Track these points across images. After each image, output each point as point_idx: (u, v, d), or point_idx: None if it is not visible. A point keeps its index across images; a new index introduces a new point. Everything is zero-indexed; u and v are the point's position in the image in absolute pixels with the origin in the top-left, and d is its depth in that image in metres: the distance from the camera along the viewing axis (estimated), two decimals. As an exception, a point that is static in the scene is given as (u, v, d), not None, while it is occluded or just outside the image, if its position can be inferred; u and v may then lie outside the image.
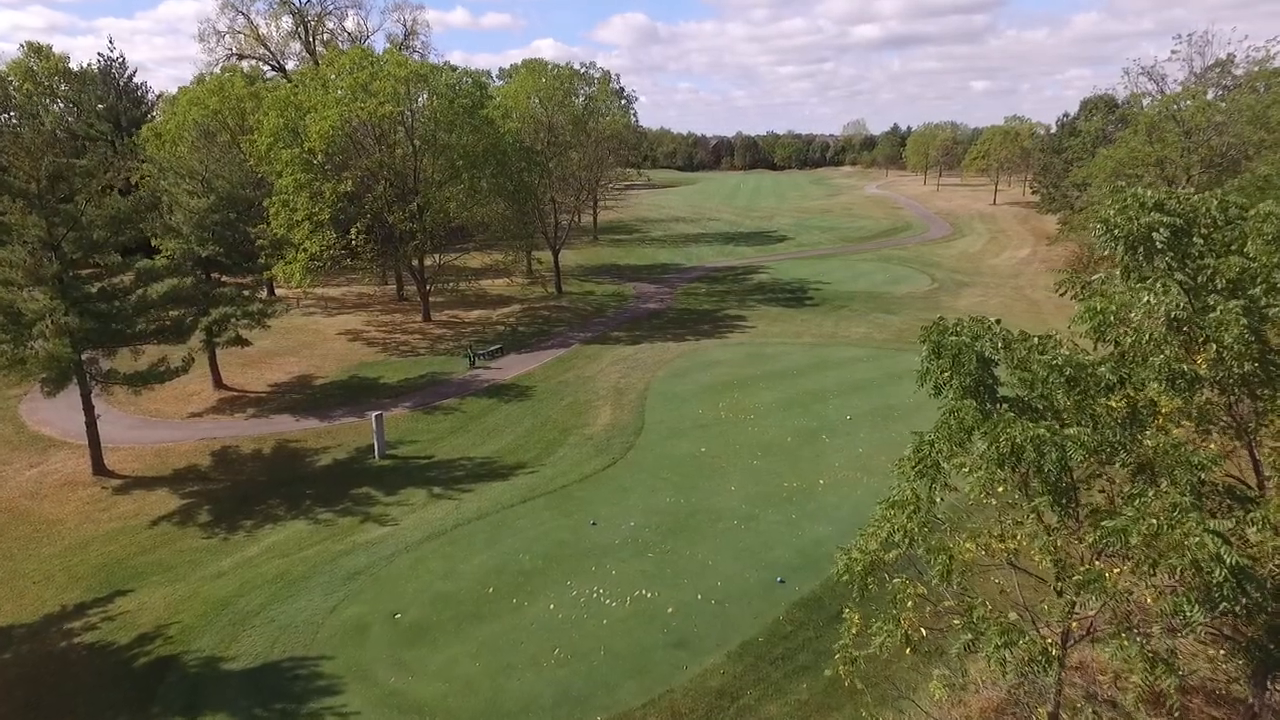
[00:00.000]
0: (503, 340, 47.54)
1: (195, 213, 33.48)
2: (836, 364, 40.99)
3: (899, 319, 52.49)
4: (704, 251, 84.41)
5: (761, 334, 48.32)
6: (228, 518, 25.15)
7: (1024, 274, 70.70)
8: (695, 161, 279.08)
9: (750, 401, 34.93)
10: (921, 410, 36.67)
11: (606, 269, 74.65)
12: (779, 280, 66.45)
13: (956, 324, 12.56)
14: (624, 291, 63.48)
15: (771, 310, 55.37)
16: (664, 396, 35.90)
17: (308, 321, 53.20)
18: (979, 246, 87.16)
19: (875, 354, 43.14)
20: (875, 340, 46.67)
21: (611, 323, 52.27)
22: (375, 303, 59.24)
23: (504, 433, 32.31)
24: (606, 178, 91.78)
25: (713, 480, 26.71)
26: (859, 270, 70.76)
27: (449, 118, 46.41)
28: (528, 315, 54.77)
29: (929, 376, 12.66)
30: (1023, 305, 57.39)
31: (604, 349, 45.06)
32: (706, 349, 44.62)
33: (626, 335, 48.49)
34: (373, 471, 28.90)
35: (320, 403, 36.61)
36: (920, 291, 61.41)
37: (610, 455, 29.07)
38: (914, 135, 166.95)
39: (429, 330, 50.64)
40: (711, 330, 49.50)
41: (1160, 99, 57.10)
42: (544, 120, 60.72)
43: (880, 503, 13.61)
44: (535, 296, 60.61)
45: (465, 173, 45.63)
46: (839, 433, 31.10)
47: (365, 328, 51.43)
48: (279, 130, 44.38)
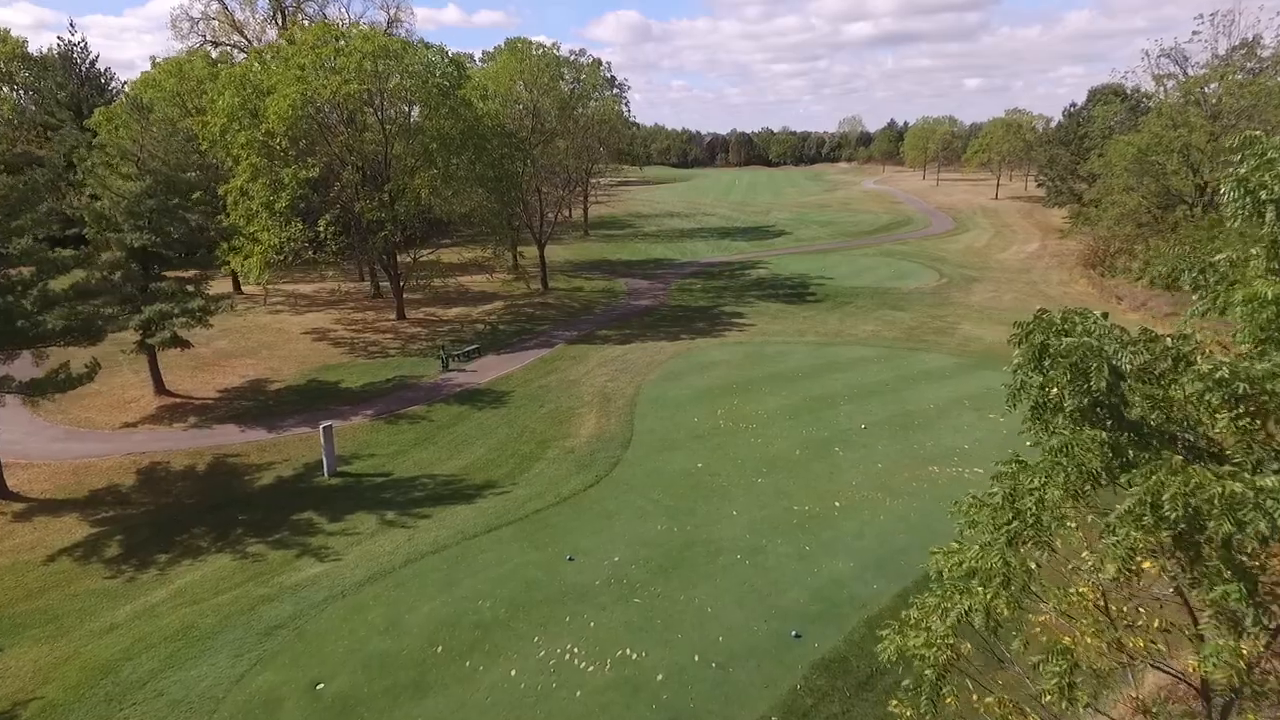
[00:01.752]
0: (481, 340, 43.74)
1: (125, 197, 29.58)
2: (845, 365, 37.34)
3: (908, 316, 48.91)
4: (699, 247, 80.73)
5: (762, 332, 44.65)
6: (140, 551, 21.33)
7: (1035, 268, 67.22)
8: (690, 158, 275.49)
9: (752, 408, 31.24)
10: (945, 417, 32.89)
11: (597, 264, 70.88)
12: (778, 276, 62.78)
13: (1067, 317, 8.87)
14: (615, 287, 59.73)
15: (771, 307, 51.70)
16: (656, 403, 32.18)
17: (272, 320, 49.28)
18: (984, 241, 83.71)
19: (886, 354, 39.51)
20: (885, 339, 43.06)
21: (600, 320, 48.54)
22: (349, 300, 55.33)
23: (474, 445, 28.53)
24: (598, 170, 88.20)
25: (711, 502, 23.01)
26: (862, 265, 67.16)
27: (422, 98, 42.58)
28: (510, 313, 50.97)
29: (1026, 393, 8.94)
30: (1039, 301, 53.77)
31: (591, 349, 41.31)
32: (703, 349, 40.91)
33: (616, 334, 44.74)
34: (319, 492, 25.09)
35: (271, 411, 32.76)
36: (928, 287, 57.84)
37: (593, 472, 25.32)
38: (913, 129, 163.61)
39: (402, 329, 46.79)
40: (708, 328, 45.81)
41: (1184, 81, 53.62)
42: (528, 104, 56.90)
43: (941, 556, 9.86)
44: (519, 293, 56.81)
45: (439, 157, 41.77)
46: (853, 444, 27.42)
47: (334, 326, 47.55)
48: (234, 110, 40.46)
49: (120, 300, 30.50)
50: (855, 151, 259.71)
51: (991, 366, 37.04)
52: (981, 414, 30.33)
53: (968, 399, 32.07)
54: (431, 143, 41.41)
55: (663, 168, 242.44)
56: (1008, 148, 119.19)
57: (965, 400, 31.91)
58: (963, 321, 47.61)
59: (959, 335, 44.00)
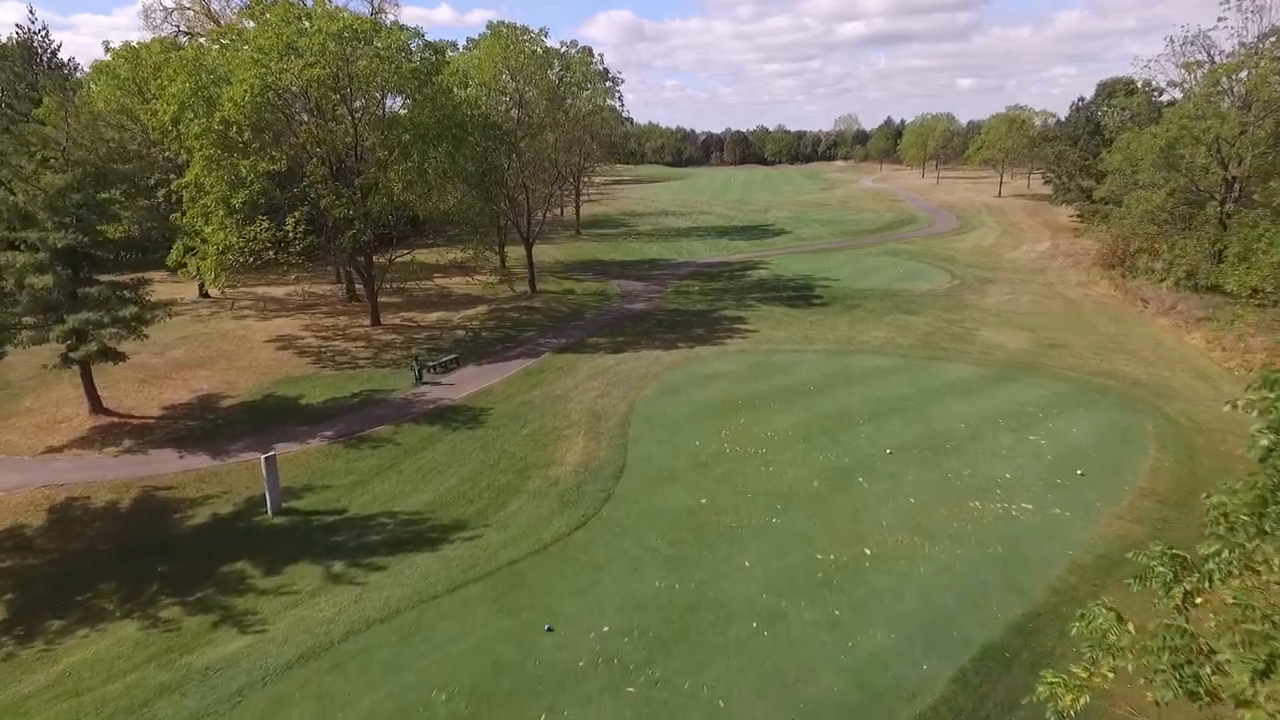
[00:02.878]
0: (461, 348, 40.07)
1: (45, 190, 25.84)
2: (860, 377, 33.85)
3: (922, 320, 45.48)
4: (696, 246, 77.21)
5: (766, 339, 41.13)
6: (29, 616, 17.66)
7: (1049, 269, 63.91)
8: (684, 157, 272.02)
9: (760, 428, 27.70)
10: (979, 439, 27.70)
11: (588, 265, 67.27)
12: (780, 277, 59.29)
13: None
14: (607, 290, 56.15)
15: (775, 311, 48.19)
16: (652, 422, 28.60)
17: (236, 326, 45.50)
18: (992, 240, 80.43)
19: (904, 364, 36.03)
20: (900, 346, 39.59)
21: (591, 327, 44.92)
22: (321, 304, 51.58)
23: (444, 474, 24.90)
24: (590, 167, 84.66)
25: (719, 550, 19.45)
26: (868, 265, 63.73)
27: (394, 84, 38.90)
28: (494, 318, 47.30)
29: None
30: (1059, 304, 50.50)
31: (580, 359, 37.70)
32: (703, 358, 37.35)
33: (608, 342, 41.14)
34: (259, 534, 21.44)
35: (219, 432, 29.04)
36: (941, 289, 54.43)
37: (580, 510, 21.73)
38: (911, 126, 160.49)
39: (375, 337, 43.08)
40: (707, 335, 42.25)
41: (1213, 68, 50.30)
42: (514, 94, 53.22)
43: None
44: (505, 296, 53.16)
45: (414, 149, 38.08)
46: (878, 474, 23.90)
47: (302, 333, 43.81)
48: (187, 98, 36.71)
49: (42, 308, 26.79)
50: (852, 150, 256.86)
51: (1020, 378, 33.63)
52: (1019, 436, 26.87)
53: (1001, 417, 28.60)
54: (404, 133, 37.71)
55: (657, 166, 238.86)
56: (1011, 144, 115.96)
57: (999, 419, 28.43)
58: (981, 327, 44.20)
59: (979, 342, 40.58)
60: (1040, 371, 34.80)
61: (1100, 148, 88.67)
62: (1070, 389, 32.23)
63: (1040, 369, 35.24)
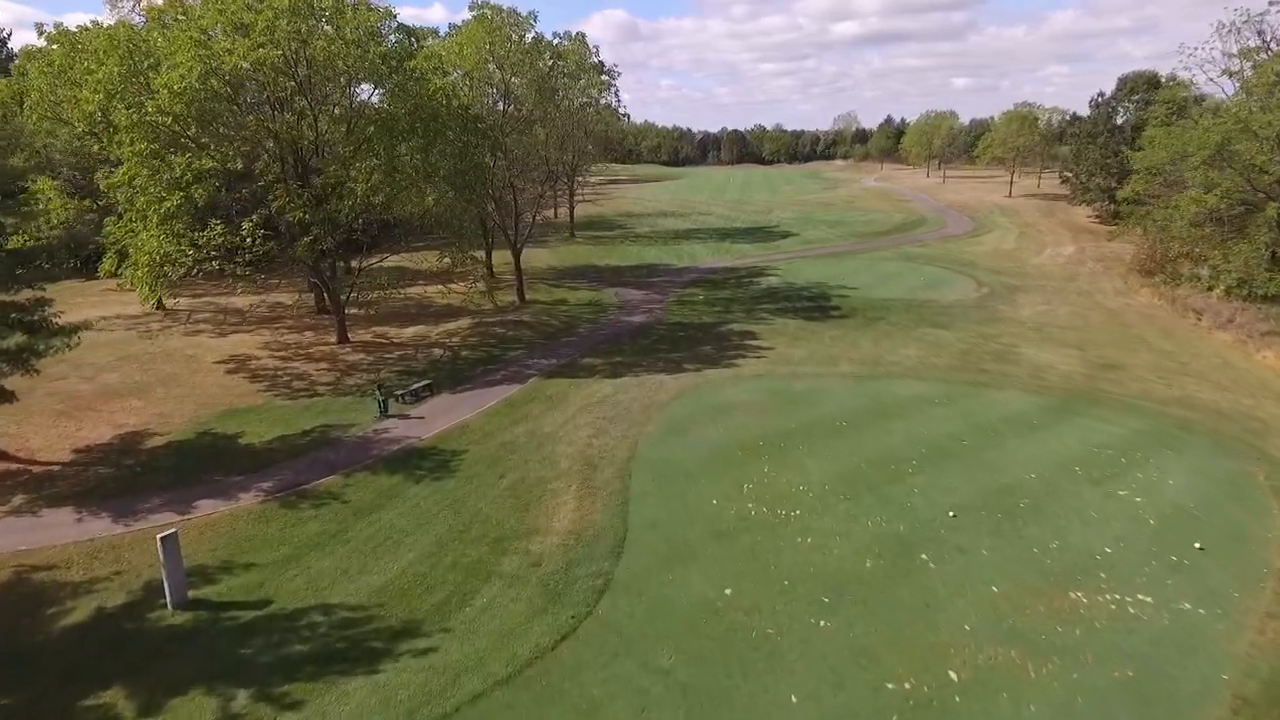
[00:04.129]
0: (436, 371, 35.09)
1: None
2: (898, 409, 28.98)
3: (955, 336, 40.67)
4: (697, 250, 72.32)
5: (783, 359, 36.23)
6: None
7: (1080, 275, 59.20)
8: (681, 156, 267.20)
9: (790, 479, 22.80)
10: (1057, 495, 21.74)
11: (583, 271, 62.32)
12: (792, 285, 54.42)
13: None
14: (603, 299, 51.21)
15: (789, 324, 43.31)
16: (657, 471, 23.66)
17: (186, 344, 40.43)
18: (1011, 243, 75.68)
19: (946, 391, 31.19)
20: (936, 368, 34.77)
21: (585, 344, 39.95)
22: (288, 316, 46.56)
23: (400, 546, 19.93)
24: (584, 166, 79.73)
25: (753, 675, 14.53)
26: (885, 271, 58.88)
27: (360, 69, 33.88)
28: (477, 334, 42.30)
29: None
30: (1101, 316, 45.74)
31: (573, 385, 32.76)
32: (714, 384, 32.43)
33: (604, 363, 36.19)
34: (151, 641, 16.43)
35: (134, 484, 24.00)
36: (970, 299, 49.63)
37: (568, 608, 16.76)
38: (915, 125, 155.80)
39: (341, 357, 38.05)
40: (716, 354, 37.33)
41: (1273, 56, 45.56)
42: (500, 85, 48.22)
43: None
44: (491, 307, 48.18)
45: (380, 143, 33.06)
46: (945, 547, 19.03)
47: (258, 353, 38.77)
48: (116, 83, 31.70)
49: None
50: (851, 149, 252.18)
51: (1085, 410, 28.80)
52: (1105, 490, 22.02)
53: (1077, 464, 23.75)
54: (369, 125, 32.70)
55: (653, 165, 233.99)
56: (1023, 142, 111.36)
57: (1074, 466, 23.58)
58: (1021, 343, 39.40)
59: (1025, 363, 35.77)
60: (1105, 401, 29.96)
61: (1122, 145, 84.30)
62: (1147, 425, 27.40)
63: (1104, 397, 30.41)
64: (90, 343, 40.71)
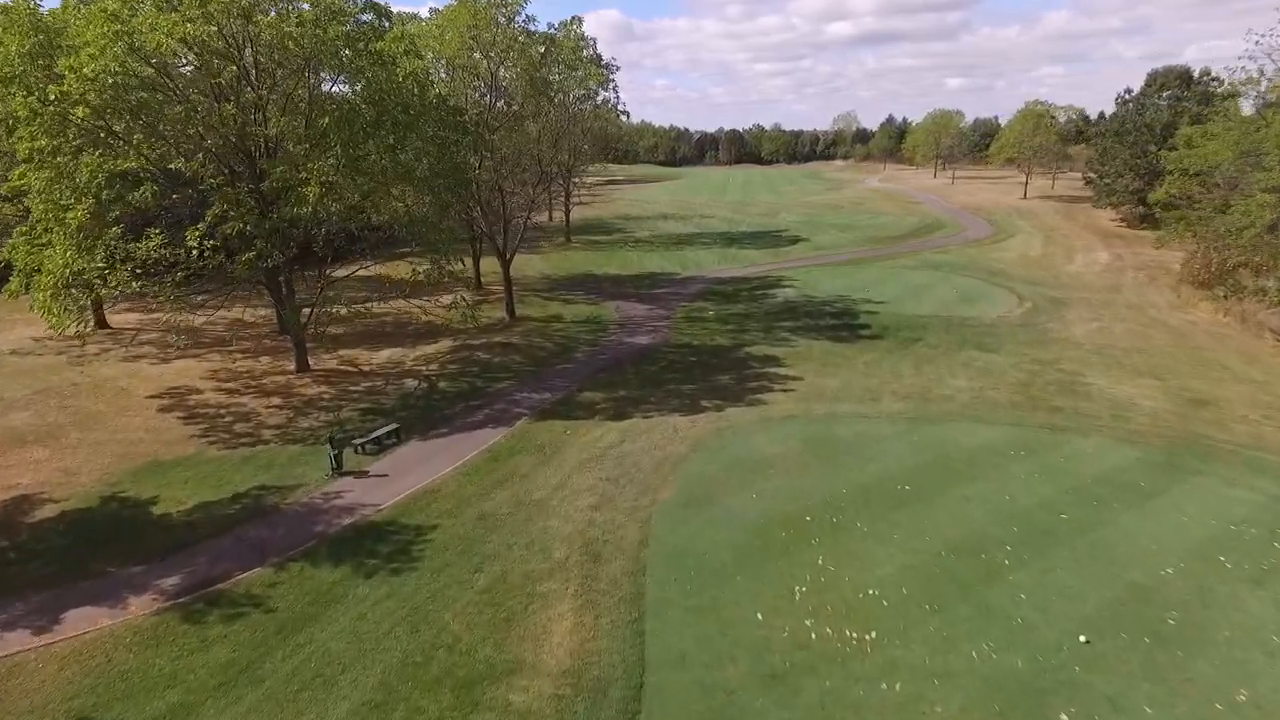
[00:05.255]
0: (406, 410, 29.62)
1: None
2: (967, 464, 23.64)
3: (1007, 361, 35.40)
4: (702, 256, 66.96)
5: (816, 392, 30.88)
6: None
7: (1123, 286, 54.05)
8: (678, 156, 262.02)
9: (853, 577, 17.43)
10: (1212, 602, 14.61)
11: (580, 280, 56.89)
12: (811, 298, 49.06)
13: None
14: (602, 315, 45.80)
15: (815, 346, 37.98)
16: (680, 565, 18.24)
17: (120, 372, 34.89)
18: (1039, 249, 70.51)
19: (1017, 436, 25.86)
20: (996, 405, 29.47)
21: (583, 372, 34.51)
22: (248, 337, 41.01)
23: (331, 693, 14.45)
24: (580, 166, 74.29)
25: None
26: (912, 283, 53.56)
27: (314, 51, 28.34)
28: (459, 359, 36.82)
29: None
30: (1164, 336, 40.53)
31: (569, 430, 27.32)
32: (738, 430, 27.02)
33: (606, 399, 30.77)
34: None
35: None
36: (1013, 315, 44.33)
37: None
38: (922, 124, 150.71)
39: (299, 389, 32.57)
40: (736, 386, 31.96)
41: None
42: (487, 75, 42.71)
43: None
44: (477, 325, 42.71)
45: (336, 139, 27.49)
46: (1089, 698, 13.65)
47: (202, 384, 33.25)
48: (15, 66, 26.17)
49: None
50: (852, 149, 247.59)
51: (1196, 466, 23.48)
52: (1277, 595, 16.69)
53: (1221, 551, 18.43)
54: (324, 117, 27.14)
55: (650, 165, 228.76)
56: (1039, 142, 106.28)
57: (1219, 555, 18.26)
58: (1085, 370, 34.17)
59: (1098, 397, 30.51)
60: (1217, 453, 24.62)
61: (1151, 144, 79.25)
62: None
63: (1213, 447, 25.09)
64: (9, 370, 35.32)
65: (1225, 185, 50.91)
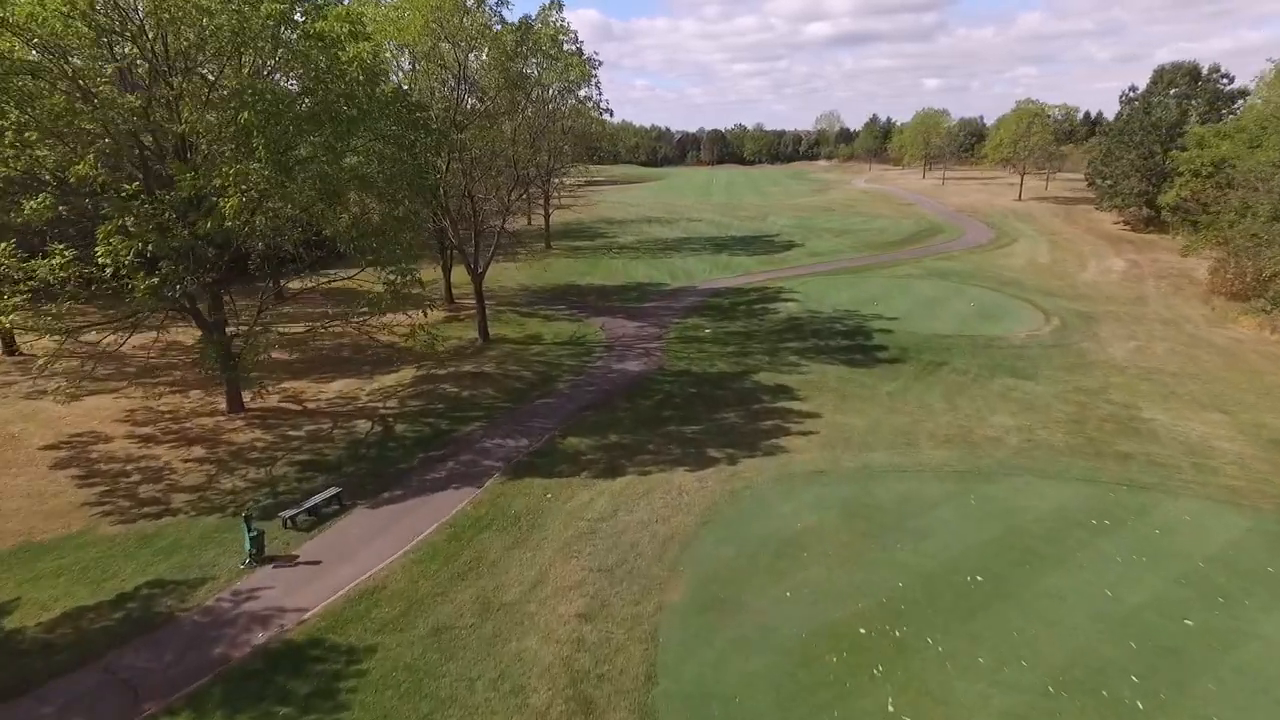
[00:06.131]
0: (354, 464, 24.53)
1: None
2: (1045, 540, 19.10)
3: (1050, 391, 31.10)
4: (692, 265, 62.23)
5: (840, 435, 26.24)
6: None
7: (1148, 297, 50.15)
8: (660, 156, 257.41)
9: (939, 734, 12.77)
10: None
11: (561, 293, 51.94)
12: (816, 314, 44.49)
13: None
14: (587, 335, 40.91)
15: (829, 372, 33.43)
16: (702, 715, 13.44)
17: (19, 412, 29.39)
18: (1047, 256, 66.66)
19: (1092, 496, 21.40)
20: (1054, 450, 25.05)
21: (566, 410, 29.59)
22: (178, 366, 35.60)
23: None
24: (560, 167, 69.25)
25: None
26: (923, 295, 49.22)
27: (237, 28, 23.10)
28: (422, 393, 31.77)
29: None
30: (1213, 357, 36.47)
31: (550, 493, 22.42)
32: (757, 492, 22.27)
33: (594, 447, 25.87)
34: None
35: None
36: (1042, 333, 40.06)
37: None
38: (912, 123, 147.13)
39: (229, 434, 27.32)
40: (747, 428, 27.22)
41: None
42: (454, 67, 37.62)
43: None
44: (445, 350, 37.63)
45: (260, 134, 22.30)
46: None
47: (114, 428, 27.89)
48: None
49: None
50: (835, 149, 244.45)
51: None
52: None
53: (1407, 678, 14.00)
54: (243, 110, 21.93)
55: (631, 166, 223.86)
56: (1035, 141, 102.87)
57: None
58: (1140, 402, 29.94)
59: (1167, 438, 26.22)
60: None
61: (1156, 145, 75.83)
62: None
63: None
64: None
65: (1247, 185, 47.35)
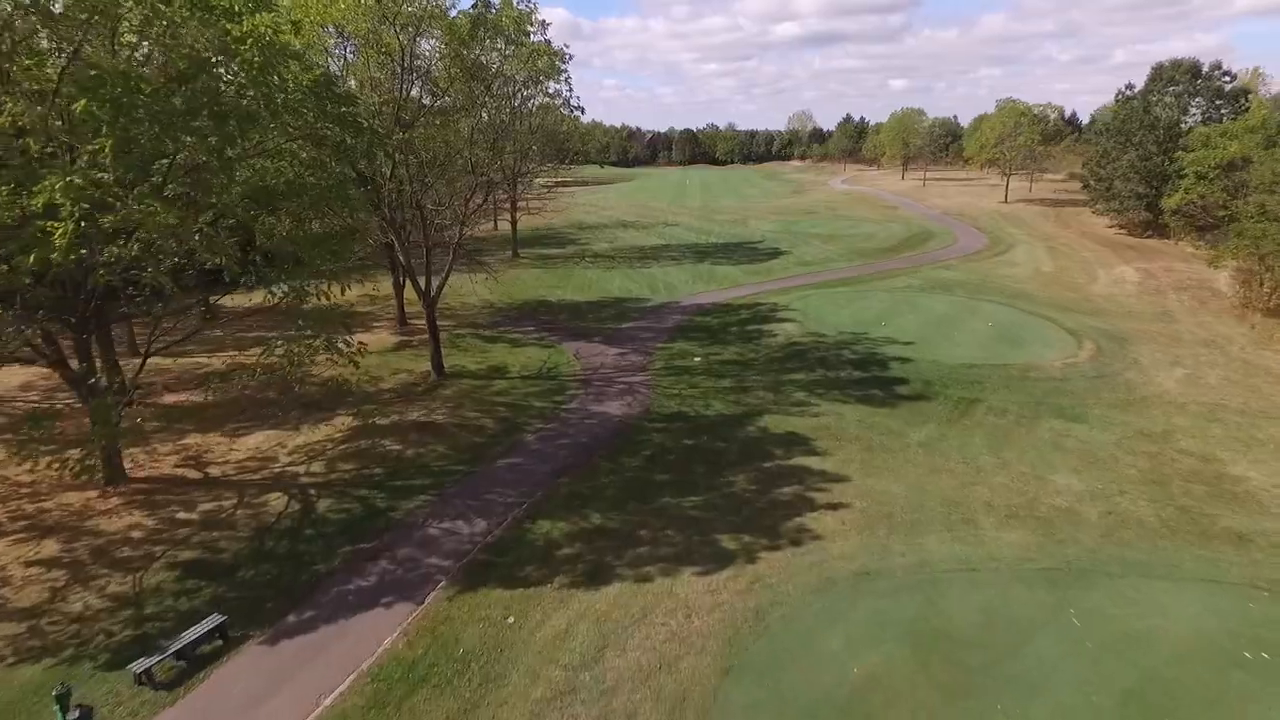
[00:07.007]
0: (253, 564, 18.56)
1: None
2: (1196, 694, 13.98)
3: (1109, 438, 26.24)
4: (674, 276, 56.80)
5: (880, 509, 20.94)
6: None
7: (1174, 313, 45.93)
8: (631, 156, 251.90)
9: None
10: None
11: (530, 310, 46.14)
12: (820, 338, 39.24)
13: None
14: (559, 366, 35.21)
15: (846, 415, 28.21)
16: None
17: None
18: (1049, 264, 62.55)
19: (1228, 611, 16.41)
20: (1143, 526, 20.09)
21: (535, 476, 23.84)
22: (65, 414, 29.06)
23: None
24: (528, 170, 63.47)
25: None
26: (933, 312, 44.31)
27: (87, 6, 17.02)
28: (357, 452, 25.75)
29: None
30: (1266, 382, 32.06)
31: (511, 612, 16.74)
32: (786, 603, 16.83)
33: (570, 534, 20.18)
34: None
35: None
36: (1080, 361, 35.28)
37: None
38: (889, 122, 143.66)
39: (98, 517, 21.14)
40: (761, 498, 21.78)
41: None
42: (398, 54, 31.57)
43: None
44: (391, 388, 31.67)
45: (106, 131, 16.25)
46: None
47: (-54, 513, 21.54)
48: None
49: None
50: (809, 149, 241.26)
51: None
52: None
53: None
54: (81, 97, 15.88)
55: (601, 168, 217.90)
56: (1023, 142, 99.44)
57: None
58: (1218, 451, 25.22)
59: (1268, 502, 21.46)
60: None
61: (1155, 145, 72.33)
62: None
63: None
64: None
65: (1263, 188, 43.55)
